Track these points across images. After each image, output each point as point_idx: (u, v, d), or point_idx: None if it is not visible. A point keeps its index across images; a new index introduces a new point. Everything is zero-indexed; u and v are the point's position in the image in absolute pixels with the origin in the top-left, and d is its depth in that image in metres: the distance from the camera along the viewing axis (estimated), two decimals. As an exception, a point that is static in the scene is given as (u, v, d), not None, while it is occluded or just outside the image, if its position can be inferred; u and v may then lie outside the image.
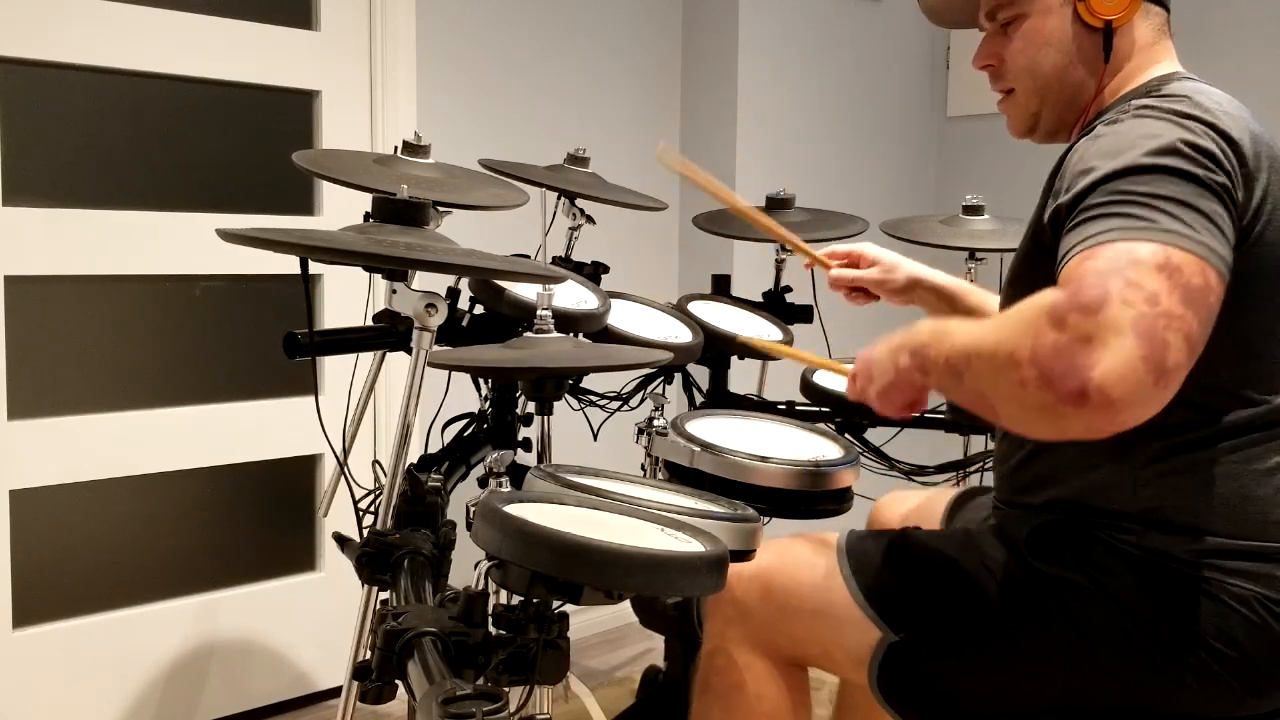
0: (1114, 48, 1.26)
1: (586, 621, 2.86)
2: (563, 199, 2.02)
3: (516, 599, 1.03)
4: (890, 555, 1.28)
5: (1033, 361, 0.95)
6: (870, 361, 1.20)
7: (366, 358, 1.96)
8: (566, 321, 1.60)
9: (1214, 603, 1.12)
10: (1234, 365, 1.14)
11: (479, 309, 1.76)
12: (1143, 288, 0.95)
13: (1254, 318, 1.14)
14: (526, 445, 1.76)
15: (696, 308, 2.05)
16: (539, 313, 1.33)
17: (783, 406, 2.04)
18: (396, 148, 1.90)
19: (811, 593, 1.29)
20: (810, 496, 1.51)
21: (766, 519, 1.33)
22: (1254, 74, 2.75)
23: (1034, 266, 1.19)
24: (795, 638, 1.31)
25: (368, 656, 1.09)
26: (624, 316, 1.82)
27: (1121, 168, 1.04)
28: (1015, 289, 1.23)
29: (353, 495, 1.57)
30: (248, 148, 2.36)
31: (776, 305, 2.28)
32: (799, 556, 1.32)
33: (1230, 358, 1.13)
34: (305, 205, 2.44)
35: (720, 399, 2.13)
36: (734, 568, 1.26)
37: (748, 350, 1.58)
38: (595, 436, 2.06)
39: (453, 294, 1.80)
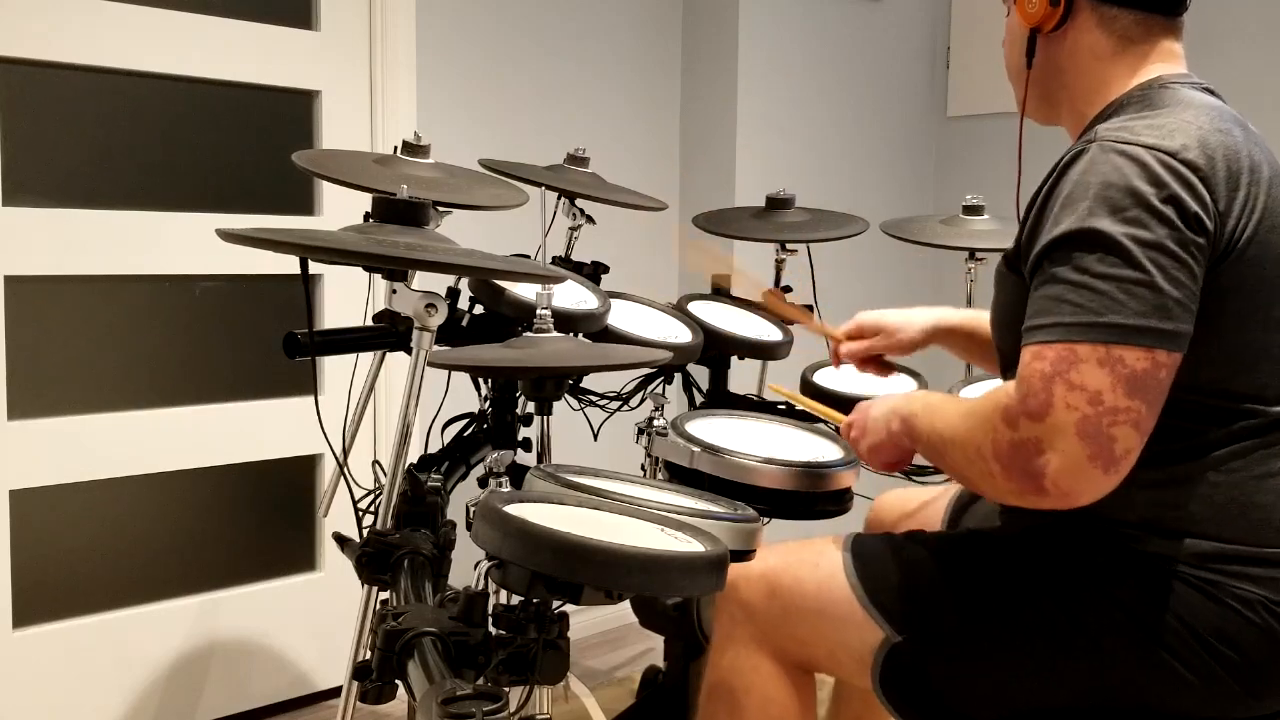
0: (1063, 55, 1.26)
1: (586, 621, 2.86)
2: (563, 199, 2.02)
3: (516, 599, 1.03)
4: (894, 557, 1.28)
5: (995, 458, 1.09)
6: (866, 417, 1.33)
7: (366, 358, 1.96)
8: (566, 321, 1.60)
9: (1218, 606, 1.12)
10: (1226, 378, 1.14)
11: (479, 309, 1.76)
12: (1085, 389, 1.04)
13: (1243, 331, 1.14)
14: (526, 445, 1.76)
15: (696, 308, 2.05)
16: (538, 312, 1.33)
17: (783, 406, 2.04)
18: (396, 148, 1.90)
19: (816, 593, 1.29)
20: (810, 497, 1.50)
21: (766, 519, 1.33)
22: (1252, 73, 2.75)
23: (1006, 285, 1.25)
24: (800, 639, 1.31)
25: (368, 656, 1.09)
26: (624, 316, 1.82)
27: (1074, 231, 1.08)
28: (997, 300, 1.29)
29: (352, 495, 1.57)
30: (248, 148, 2.36)
31: (772, 313, 2.28)
32: (804, 557, 1.32)
33: (1222, 371, 1.14)
34: (305, 205, 2.44)
35: (720, 399, 2.13)
36: (740, 568, 1.27)
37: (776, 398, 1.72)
38: (595, 436, 2.06)
39: (453, 294, 1.80)
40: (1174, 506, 1.14)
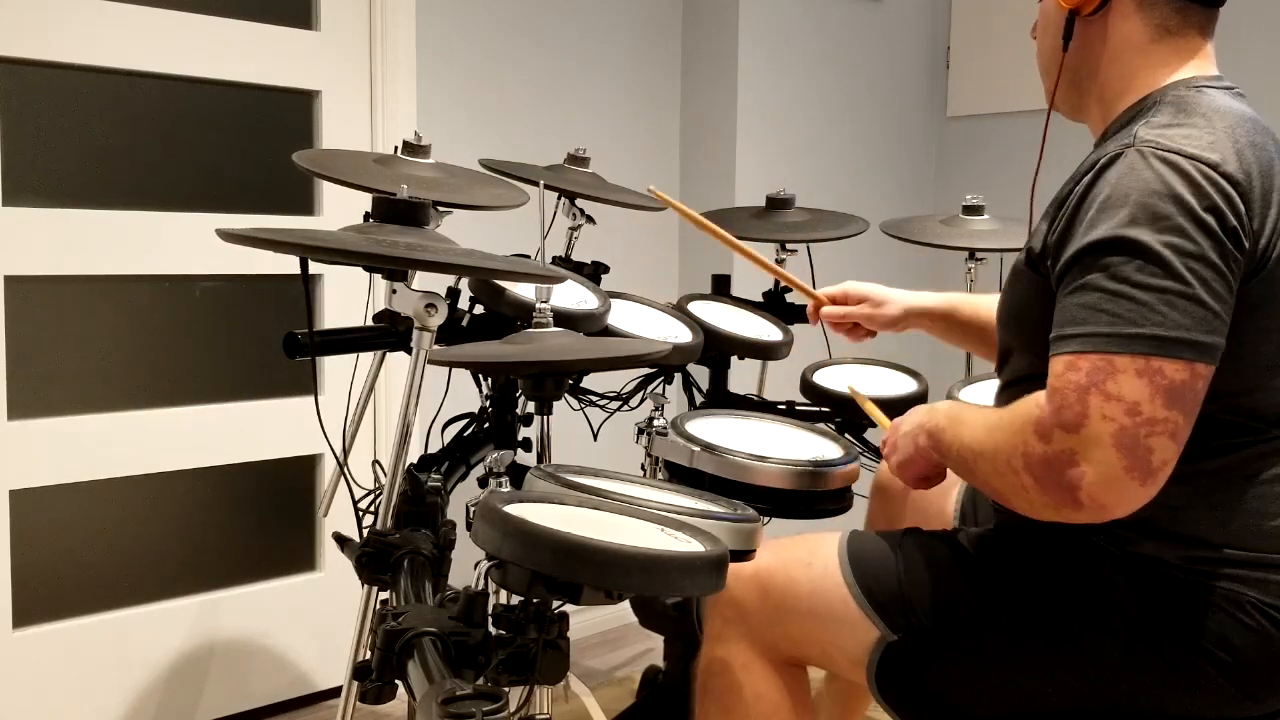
0: (1097, 41, 1.24)
1: (586, 621, 2.86)
2: (563, 199, 2.02)
3: (516, 599, 1.03)
4: (890, 555, 1.27)
5: (1027, 470, 1.06)
6: (897, 434, 1.31)
7: (366, 358, 1.96)
8: (566, 321, 1.60)
9: (1210, 608, 1.12)
10: (1235, 392, 1.13)
11: (479, 309, 1.76)
12: (1122, 400, 1.02)
13: (1258, 347, 1.13)
14: (526, 445, 1.76)
15: (696, 308, 2.05)
16: (538, 306, 1.33)
17: (783, 406, 2.04)
18: (396, 148, 1.90)
19: (810, 592, 1.28)
20: (810, 496, 1.51)
21: (766, 519, 1.33)
22: (1253, 73, 2.75)
23: (1024, 281, 1.22)
24: (794, 638, 1.31)
25: (368, 656, 1.09)
26: (624, 316, 1.82)
27: (1112, 238, 1.06)
28: (1010, 293, 1.27)
29: (353, 495, 1.57)
30: (248, 148, 2.36)
31: (776, 305, 2.28)
32: (797, 556, 1.32)
33: (1232, 385, 1.12)
34: (305, 205, 2.44)
35: (720, 399, 2.13)
36: (733, 568, 1.26)
37: (858, 408, 1.72)
38: (595, 436, 2.06)
39: (453, 294, 1.80)
40: (1167, 510, 1.14)
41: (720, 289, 2.33)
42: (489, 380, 1.79)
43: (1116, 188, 1.08)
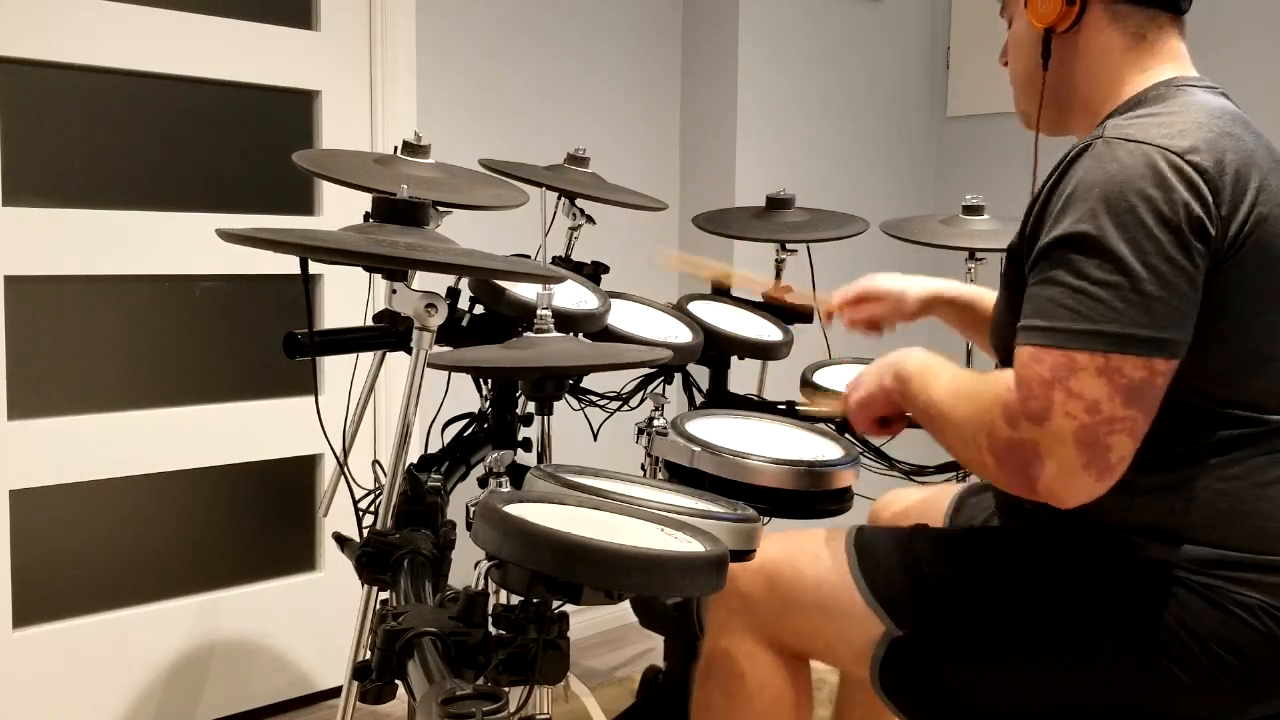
0: (1074, 56, 1.25)
1: (586, 621, 2.86)
2: (563, 199, 2.02)
3: (516, 599, 1.04)
4: (898, 551, 1.28)
5: (990, 450, 1.10)
6: (863, 372, 1.32)
7: (366, 358, 1.96)
8: (566, 321, 1.60)
9: (1219, 611, 1.12)
10: (1227, 384, 1.13)
11: (479, 309, 1.76)
12: (1083, 398, 1.05)
13: (1245, 337, 1.13)
14: (526, 445, 1.76)
15: (696, 308, 2.05)
16: (539, 312, 1.33)
17: (783, 406, 2.04)
18: (396, 148, 1.90)
19: (816, 586, 1.29)
20: (810, 496, 1.51)
21: (766, 519, 1.33)
22: (1253, 74, 2.75)
23: (1010, 287, 1.23)
24: (799, 630, 1.31)
25: (368, 656, 1.09)
26: (624, 316, 1.82)
27: (1075, 234, 1.08)
28: (1000, 300, 1.28)
29: (353, 495, 1.57)
30: (248, 148, 2.36)
31: (776, 305, 2.28)
32: (805, 549, 1.32)
33: (1223, 376, 1.13)
34: (305, 205, 2.44)
35: (720, 399, 2.13)
36: (739, 561, 1.27)
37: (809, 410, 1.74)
38: (595, 436, 2.06)
39: (453, 294, 1.80)
40: (1174, 512, 1.14)
41: (720, 289, 2.32)
42: (489, 381, 1.79)
43: (1083, 181, 1.10)
